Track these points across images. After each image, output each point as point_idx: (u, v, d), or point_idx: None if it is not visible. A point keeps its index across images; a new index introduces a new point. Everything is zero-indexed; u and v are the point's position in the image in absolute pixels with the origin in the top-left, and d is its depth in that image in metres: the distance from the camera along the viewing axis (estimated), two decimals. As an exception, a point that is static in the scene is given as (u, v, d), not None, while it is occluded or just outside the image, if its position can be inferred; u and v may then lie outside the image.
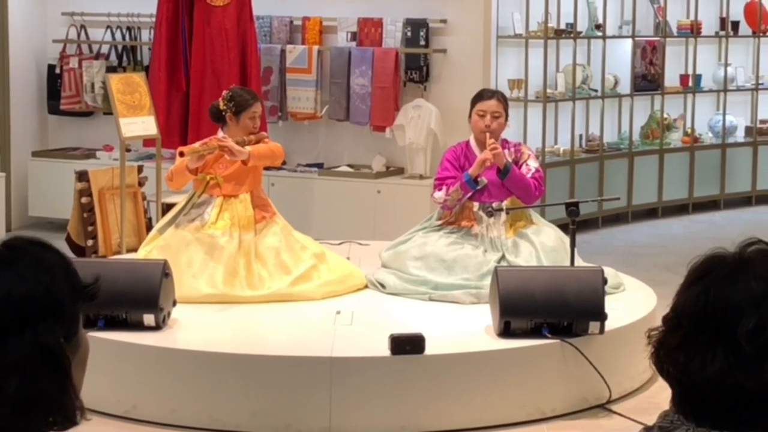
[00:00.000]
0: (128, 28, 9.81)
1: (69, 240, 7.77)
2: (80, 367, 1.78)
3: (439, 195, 6.29)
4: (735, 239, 1.79)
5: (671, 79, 10.73)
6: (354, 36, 9.27)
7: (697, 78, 10.89)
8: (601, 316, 5.45)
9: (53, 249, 1.76)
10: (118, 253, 7.53)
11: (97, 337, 5.41)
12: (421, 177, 8.91)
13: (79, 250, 7.70)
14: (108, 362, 5.43)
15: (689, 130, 10.85)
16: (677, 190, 10.69)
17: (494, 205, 6.24)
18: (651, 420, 1.81)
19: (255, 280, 6.11)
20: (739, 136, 11.20)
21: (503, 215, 6.28)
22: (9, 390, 1.64)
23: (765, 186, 11.12)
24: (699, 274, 1.74)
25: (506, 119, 6.36)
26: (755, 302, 1.68)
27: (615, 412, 5.46)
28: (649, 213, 10.54)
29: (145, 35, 9.65)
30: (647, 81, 10.55)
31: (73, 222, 7.83)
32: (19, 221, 9.59)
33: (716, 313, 1.70)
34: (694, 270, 1.75)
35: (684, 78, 10.85)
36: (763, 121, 11.28)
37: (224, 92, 6.35)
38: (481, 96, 6.39)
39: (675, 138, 10.81)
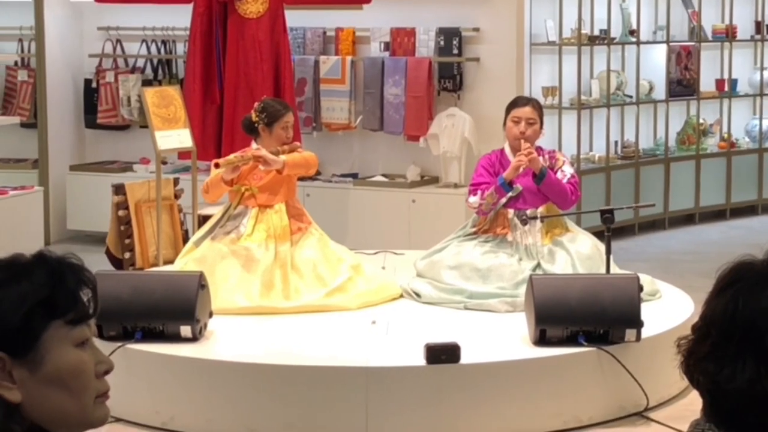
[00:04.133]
0: (163, 42, 9.87)
1: (108, 253, 7.83)
2: (53, 385, 1.70)
3: (474, 200, 6.29)
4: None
5: (707, 83, 10.67)
6: (387, 46, 9.28)
7: (733, 82, 10.82)
8: (638, 324, 5.42)
9: (43, 261, 1.71)
10: (155, 265, 7.57)
11: (134, 349, 5.45)
12: (455, 186, 8.90)
13: (117, 263, 7.75)
14: (145, 374, 5.47)
15: (726, 135, 10.78)
16: (714, 195, 10.62)
17: (528, 212, 6.23)
18: (686, 428, 1.80)
19: (291, 292, 6.13)
20: (777, 140, 11.13)
21: (538, 222, 6.27)
22: None
23: (803, 190, 11.03)
24: (727, 281, 1.73)
25: (541, 126, 6.35)
26: (785, 310, 1.67)
27: (653, 420, 5.43)
28: (686, 219, 10.48)
29: (180, 48, 9.71)
30: (682, 86, 10.50)
31: (111, 235, 7.88)
32: (57, 235, 9.67)
33: (745, 321, 1.68)
34: (722, 278, 1.74)
35: (720, 82, 10.78)
36: (800, 125, 11.19)
37: (256, 104, 6.39)
38: (516, 103, 6.40)
39: (711, 143, 10.74)
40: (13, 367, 1.67)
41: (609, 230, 5.81)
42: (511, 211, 6.28)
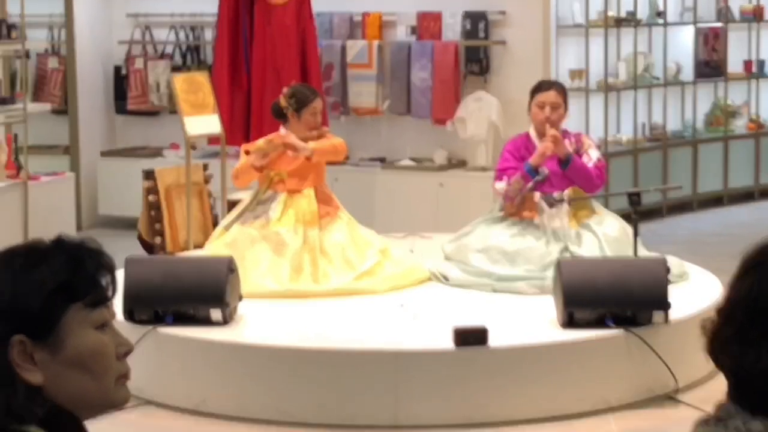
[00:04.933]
0: (191, 28, 9.91)
1: (140, 238, 7.88)
2: (74, 367, 1.72)
3: (500, 185, 6.28)
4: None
5: (734, 65, 10.61)
6: (414, 30, 9.28)
7: (761, 63, 10.75)
8: (666, 306, 5.41)
9: (61, 246, 1.74)
10: (186, 249, 7.60)
11: (165, 332, 5.50)
12: (483, 169, 8.89)
13: (149, 248, 7.80)
14: (177, 357, 5.51)
15: (754, 117, 10.72)
16: (743, 177, 10.56)
17: (555, 195, 6.21)
18: (714, 409, 1.80)
19: (320, 276, 6.16)
20: (805, 121, 11.05)
21: (565, 205, 6.26)
22: None
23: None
24: (752, 263, 1.72)
25: (566, 110, 6.34)
26: (811, 293, 1.67)
27: (681, 402, 5.42)
28: (715, 201, 10.43)
29: (208, 35, 9.74)
30: (710, 68, 10.44)
31: (142, 220, 7.93)
32: (89, 220, 9.73)
33: (769, 303, 1.68)
34: (747, 259, 1.73)
35: (747, 64, 10.72)
36: (829, 106, 11.11)
37: (285, 89, 6.40)
38: (539, 87, 6.38)
39: (739, 125, 10.68)
40: (34, 349, 1.70)
41: (636, 213, 5.80)
42: (537, 195, 6.27)
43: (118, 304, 5.49)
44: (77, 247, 1.75)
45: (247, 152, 6.27)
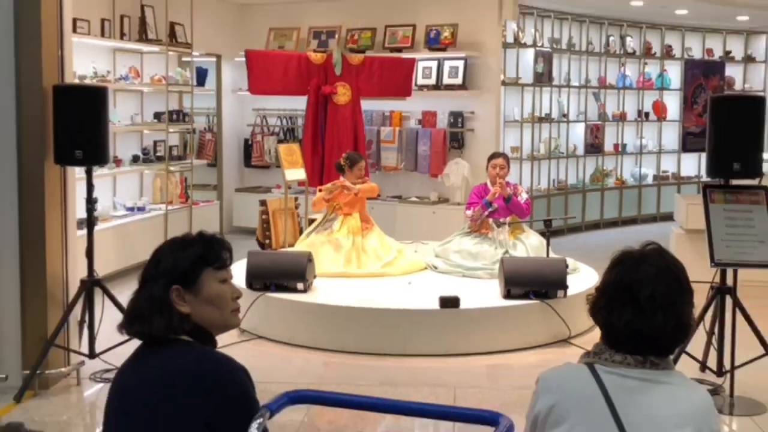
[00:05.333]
0: (290, 117, 9.95)
1: (257, 240, 7.92)
2: (207, 304, 1.77)
3: (469, 213, 6.30)
4: (641, 242, 1.79)
5: (608, 146, 10.58)
6: (420, 121, 9.29)
7: (624, 146, 10.72)
8: (565, 287, 5.39)
9: (201, 236, 1.82)
10: (283, 247, 7.62)
11: (270, 296, 5.51)
12: (458, 204, 8.88)
13: (261, 246, 7.83)
14: (277, 312, 5.52)
15: (619, 177, 10.68)
16: (612, 212, 10.51)
17: (501, 220, 6.23)
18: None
19: (361, 264, 6.16)
20: (649, 180, 11.00)
21: (507, 227, 6.26)
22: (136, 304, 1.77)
23: (665, 210, 10.87)
24: (616, 261, 1.75)
25: (508, 170, 6.34)
26: (650, 280, 1.69)
27: (573, 344, 5.39)
28: (595, 226, 10.37)
29: (300, 121, 9.78)
30: (594, 147, 10.41)
31: (258, 230, 7.97)
32: (227, 228, 9.78)
33: (626, 286, 1.70)
34: (614, 260, 1.76)
35: (616, 146, 10.69)
36: (663, 171, 11.06)
37: (343, 155, 6.45)
38: (493, 156, 6.39)
39: (610, 182, 10.64)
40: (185, 294, 1.78)
41: (549, 231, 5.79)
42: (491, 220, 6.28)
43: (242, 279, 5.53)
44: (210, 237, 1.84)
45: (320, 190, 6.30)
